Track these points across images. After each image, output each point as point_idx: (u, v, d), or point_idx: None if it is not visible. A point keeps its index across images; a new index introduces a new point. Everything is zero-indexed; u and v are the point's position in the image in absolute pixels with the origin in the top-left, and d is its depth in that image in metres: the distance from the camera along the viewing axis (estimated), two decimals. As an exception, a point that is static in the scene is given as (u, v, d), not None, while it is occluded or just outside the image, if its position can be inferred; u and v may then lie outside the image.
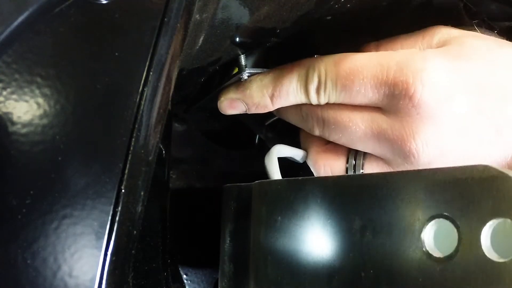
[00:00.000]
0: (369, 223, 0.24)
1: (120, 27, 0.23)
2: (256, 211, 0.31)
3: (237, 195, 0.34)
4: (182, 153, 0.49)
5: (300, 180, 0.28)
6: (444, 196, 0.21)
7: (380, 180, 0.24)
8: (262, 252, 0.30)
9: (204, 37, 0.33)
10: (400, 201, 0.23)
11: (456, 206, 0.21)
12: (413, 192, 0.22)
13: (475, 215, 0.20)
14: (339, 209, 0.26)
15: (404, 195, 0.23)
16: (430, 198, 0.22)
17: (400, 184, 0.23)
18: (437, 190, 0.22)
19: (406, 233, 0.22)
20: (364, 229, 0.24)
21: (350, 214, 0.25)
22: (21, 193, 0.21)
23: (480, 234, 0.19)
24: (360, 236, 0.24)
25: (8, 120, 0.21)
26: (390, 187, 0.23)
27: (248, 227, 0.31)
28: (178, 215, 0.44)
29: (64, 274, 0.21)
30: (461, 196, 0.20)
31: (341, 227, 0.25)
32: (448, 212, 0.21)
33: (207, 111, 0.51)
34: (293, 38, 0.40)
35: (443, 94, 0.31)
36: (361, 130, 0.34)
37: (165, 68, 0.24)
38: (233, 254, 0.34)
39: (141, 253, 0.29)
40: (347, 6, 0.36)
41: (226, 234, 0.35)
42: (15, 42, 0.22)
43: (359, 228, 0.24)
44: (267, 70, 0.40)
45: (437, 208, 0.21)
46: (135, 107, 0.23)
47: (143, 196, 0.24)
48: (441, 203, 0.21)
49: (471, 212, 0.20)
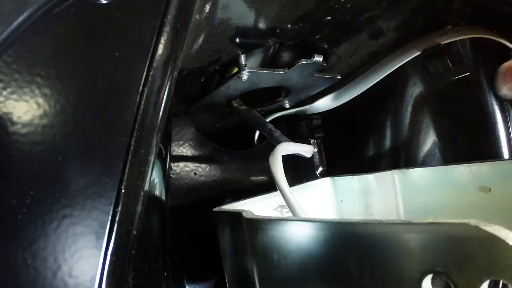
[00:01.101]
0: (366, 269, 0.23)
1: (120, 27, 0.23)
2: (251, 246, 0.30)
3: (228, 221, 0.34)
4: (182, 153, 0.49)
5: (289, 222, 0.28)
6: (437, 251, 0.21)
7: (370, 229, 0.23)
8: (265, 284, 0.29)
9: (204, 37, 0.33)
10: (394, 252, 0.22)
11: (450, 262, 0.20)
12: (406, 244, 0.22)
13: (470, 273, 0.19)
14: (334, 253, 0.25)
15: (397, 246, 0.22)
16: (423, 252, 0.21)
17: (392, 235, 0.22)
18: (430, 244, 0.21)
19: (403, 283, 0.22)
20: (361, 274, 0.24)
21: (345, 259, 0.24)
22: (21, 193, 0.21)
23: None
24: (359, 280, 0.24)
25: (8, 120, 0.21)
26: (382, 237, 0.23)
27: (247, 253, 0.31)
28: (178, 216, 0.44)
29: (64, 274, 0.21)
30: (454, 253, 0.20)
31: (338, 270, 0.25)
32: (443, 267, 0.20)
33: (207, 111, 0.51)
34: (293, 38, 0.40)
35: None
36: None
37: (165, 68, 0.24)
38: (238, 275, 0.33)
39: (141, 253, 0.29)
40: (347, 6, 0.36)
41: (226, 257, 0.34)
42: (15, 42, 0.22)
43: (357, 273, 0.24)
44: (267, 70, 0.40)
45: (431, 263, 0.21)
46: (135, 107, 0.23)
47: (143, 196, 0.24)
48: (435, 258, 0.21)
49: (466, 269, 0.19)
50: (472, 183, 0.40)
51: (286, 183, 0.34)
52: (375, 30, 0.44)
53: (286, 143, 0.40)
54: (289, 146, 0.40)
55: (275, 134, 0.43)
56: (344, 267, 0.25)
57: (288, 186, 0.34)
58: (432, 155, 0.52)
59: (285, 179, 0.35)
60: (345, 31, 0.43)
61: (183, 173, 0.48)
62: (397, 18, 0.42)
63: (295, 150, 0.41)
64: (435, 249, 0.21)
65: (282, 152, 0.37)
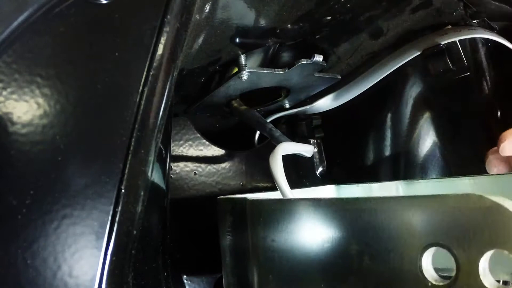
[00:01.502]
0: (366, 248, 0.24)
1: (120, 27, 0.23)
2: (252, 230, 0.30)
3: (231, 208, 0.34)
4: (182, 153, 0.49)
5: (293, 201, 0.28)
6: (440, 225, 0.21)
7: (374, 205, 0.23)
8: (263, 271, 0.29)
9: (204, 37, 0.33)
10: (396, 228, 0.22)
11: (452, 235, 0.20)
12: (409, 218, 0.22)
13: (472, 245, 0.19)
14: (335, 233, 0.25)
15: (400, 221, 0.22)
16: (425, 226, 0.21)
17: (395, 210, 0.23)
18: (432, 218, 0.21)
19: (403, 260, 0.22)
20: (361, 254, 0.24)
21: (346, 238, 0.25)
22: (21, 193, 0.21)
23: (478, 264, 0.19)
24: (359, 260, 0.24)
25: (8, 120, 0.21)
26: (385, 212, 0.23)
27: (247, 242, 0.31)
28: (178, 215, 0.44)
29: (64, 274, 0.21)
30: (456, 225, 0.20)
31: (339, 251, 0.25)
32: (444, 241, 0.20)
33: (207, 111, 0.51)
34: (293, 38, 0.40)
35: None
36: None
37: (165, 68, 0.24)
38: (235, 269, 0.34)
39: (141, 253, 0.29)
40: (347, 6, 0.36)
41: (226, 248, 0.34)
42: (15, 42, 0.22)
43: (357, 253, 0.24)
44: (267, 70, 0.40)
45: (433, 236, 0.21)
46: (135, 107, 0.23)
47: (143, 196, 0.24)
48: (437, 231, 0.21)
49: (468, 242, 0.20)
50: (475, 195, 0.40)
51: (286, 184, 0.34)
52: (375, 30, 0.44)
53: (286, 143, 0.39)
54: (289, 146, 0.39)
55: (275, 134, 0.43)
56: (345, 248, 0.25)
57: (289, 187, 0.34)
58: (432, 155, 0.52)
59: (285, 180, 0.35)
60: (345, 31, 0.43)
61: (183, 173, 0.48)
62: (397, 18, 0.42)
63: (295, 150, 0.41)
64: (438, 222, 0.21)
65: (282, 152, 0.37)
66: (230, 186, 0.52)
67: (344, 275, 0.25)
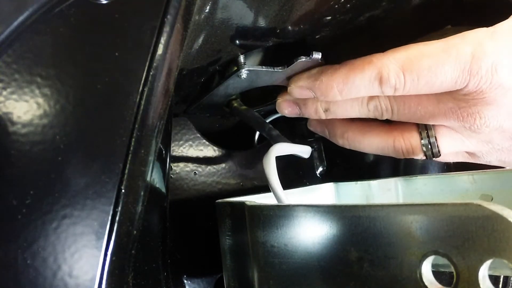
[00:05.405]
0: (366, 255, 0.24)
1: (120, 27, 0.23)
2: (251, 235, 0.30)
3: (230, 212, 0.34)
4: (182, 153, 0.49)
5: (292, 207, 0.28)
6: (439, 233, 0.21)
7: (373, 212, 0.23)
8: (264, 276, 0.29)
9: (204, 37, 0.33)
10: (395, 235, 0.22)
11: (451, 243, 0.20)
12: (408, 226, 0.22)
13: (471, 254, 0.19)
14: (334, 239, 0.25)
15: (399, 229, 0.22)
16: (425, 234, 0.21)
17: (394, 218, 0.23)
18: (432, 226, 0.21)
19: (403, 267, 0.22)
20: (361, 261, 0.24)
21: (346, 245, 0.25)
22: (21, 193, 0.21)
23: (478, 272, 0.19)
24: (359, 267, 0.24)
25: (8, 120, 0.21)
26: (384, 220, 0.23)
27: (247, 247, 0.31)
28: (178, 215, 0.44)
29: (64, 274, 0.21)
30: (456, 234, 0.20)
31: (339, 257, 0.25)
32: (444, 249, 0.20)
33: (207, 111, 0.51)
34: (293, 38, 0.40)
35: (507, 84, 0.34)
36: (429, 110, 0.38)
37: (165, 68, 0.24)
38: (236, 272, 0.33)
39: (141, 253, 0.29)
40: (347, 6, 0.36)
41: (226, 251, 0.34)
42: (15, 42, 0.22)
43: (356, 259, 0.24)
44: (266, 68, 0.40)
45: (432, 244, 0.21)
46: (135, 107, 0.23)
47: (143, 196, 0.24)
48: (436, 239, 0.21)
49: (467, 251, 0.20)
50: (475, 192, 0.40)
51: (279, 185, 0.34)
52: (375, 30, 0.44)
53: (280, 143, 0.39)
54: (284, 147, 0.39)
55: (273, 134, 0.43)
56: (344, 254, 0.25)
57: (281, 188, 0.34)
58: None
59: (278, 181, 0.34)
60: (345, 31, 0.43)
61: (183, 173, 0.48)
62: (397, 18, 0.42)
63: (291, 151, 0.40)
64: (437, 231, 0.21)
65: (277, 153, 0.37)
66: (230, 186, 0.52)
67: (344, 281, 0.25)
